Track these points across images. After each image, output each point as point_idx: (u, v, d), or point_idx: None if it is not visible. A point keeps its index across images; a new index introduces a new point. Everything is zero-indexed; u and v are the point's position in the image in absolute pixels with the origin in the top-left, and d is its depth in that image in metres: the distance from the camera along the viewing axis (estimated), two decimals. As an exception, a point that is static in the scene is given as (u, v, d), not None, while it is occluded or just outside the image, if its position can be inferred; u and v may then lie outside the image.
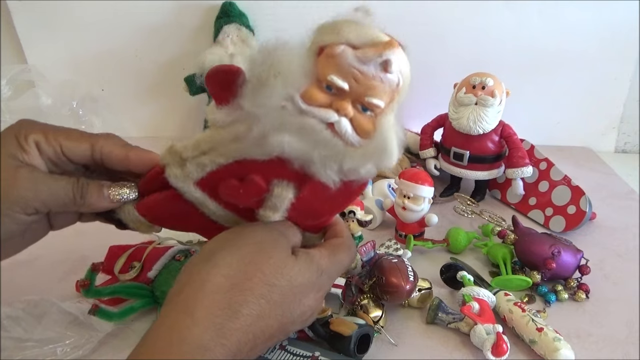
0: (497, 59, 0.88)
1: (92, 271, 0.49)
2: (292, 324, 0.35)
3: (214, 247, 0.34)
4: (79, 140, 0.38)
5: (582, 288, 0.57)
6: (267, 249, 0.34)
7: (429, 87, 0.92)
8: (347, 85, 0.31)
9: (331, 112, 0.31)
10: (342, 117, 0.31)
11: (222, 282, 0.31)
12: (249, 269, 0.32)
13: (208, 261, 0.33)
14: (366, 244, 0.56)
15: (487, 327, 0.48)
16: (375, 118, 0.32)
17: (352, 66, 0.31)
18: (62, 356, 0.46)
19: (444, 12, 0.90)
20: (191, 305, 0.30)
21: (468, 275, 0.56)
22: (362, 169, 0.33)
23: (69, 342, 0.47)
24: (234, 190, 0.35)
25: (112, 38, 0.94)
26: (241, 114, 0.32)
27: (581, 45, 0.92)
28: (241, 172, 0.34)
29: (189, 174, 0.35)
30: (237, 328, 0.30)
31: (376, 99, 0.31)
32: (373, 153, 0.33)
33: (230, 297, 0.31)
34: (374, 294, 0.52)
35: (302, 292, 0.34)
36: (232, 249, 0.33)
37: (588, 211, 0.67)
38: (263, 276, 0.32)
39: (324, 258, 0.37)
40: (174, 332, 0.29)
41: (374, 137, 0.32)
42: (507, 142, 0.74)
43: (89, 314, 0.46)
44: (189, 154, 0.35)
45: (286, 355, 0.44)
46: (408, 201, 0.63)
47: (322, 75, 0.31)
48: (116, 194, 0.38)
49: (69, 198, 0.36)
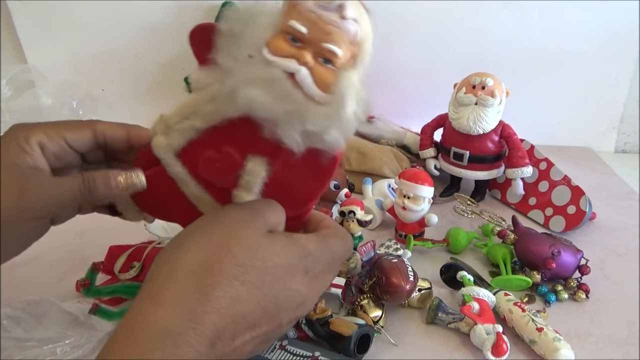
0: (497, 59, 0.88)
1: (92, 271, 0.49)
2: (280, 309, 0.32)
3: (184, 233, 0.33)
4: (81, 129, 0.38)
5: (582, 288, 0.57)
6: (238, 230, 0.32)
7: (429, 87, 0.93)
8: (306, 29, 0.32)
9: (293, 61, 0.32)
10: (302, 67, 0.32)
11: (191, 266, 0.30)
12: (219, 250, 0.31)
13: (177, 247, 0.31)
14: (366, 244, 0.56)
15: (487, 327, 0.48)
16: (335, 72, 0.33)
17: (310, 11, 0.32)
18: (62, 356, 0.46)
19: (444, 12, 0.90)
20: (158, 291, 0.29)
21: (468, 275, 0.56)
22: (326, 135, 0.33)
23: (69, 342, 0.47)
24: (211, 164, 0.36)
25: (112, 38, 0.94)
26: (218, 72, 0.33)
27: (581, 45, 0.92)
28: (218, 144, 0.35)
29: (172, 143, 0.36)
30: (209, 311, 0.28)
31: (333, 45, 0.32)
32: (334, 113, 0.33)
33: (200, 280, 0.29)
34: (374, 294, 0.52)
35: (283, 274, 0.32)
36: (202, 233, 0.32)
37: (588, 211, 0.67)
38: (234, 257, 0.30)
39: (311, 242, 0.34)
40: (140, 320, 0.28)
41: (334, 93, 0.33)
42: (507, 142, 0.74)
43: (89, 313, 0.46)
44: (173, 120, 0.36)
45: (286, 355, 0.45)
46: (408, 201, 0.63)
47: (285, 24, 0.32)
48: (122, 181, 0.37)
49: (77, 196, 0.36)
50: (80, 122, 0.38)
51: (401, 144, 0.86)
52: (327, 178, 0.36)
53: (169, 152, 0.37)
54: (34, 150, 0.36)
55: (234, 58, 0.33)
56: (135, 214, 0.41)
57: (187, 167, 0.37)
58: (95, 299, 0.49)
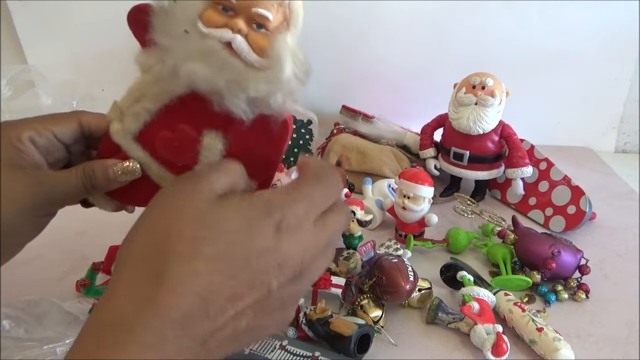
0: (497, 59, 0.88)
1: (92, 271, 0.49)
2: (257, 273, 0.28)
3: (132, 228, 0.30)
4: (67, 122, 0.38)
5: (582, 288, 0.57)
6: (180, 202, 0.29)
7: (429, 87, 0.93)
8: None
9: (227, 30, 0.33)
10: (237, 35, 0.33)
11: (140, 252, 0.28)
12: (163, 230, 0.28)
13: (130, 234, 0.30)
14: (366, 244, 0.56)
15: (487, 327, 0.48)
16: (269, 35, 0.33)
17: None
18: (62, 356, 0.46)
19: (444, 12, 0.90)
20: (114, 281, 0.28)
21: (468, 275, 0.56)
22: (270, 98, 0.33)
23: (69, 342, 0.46)
24: (168, 143, 0.36)
25: (112, 38, 0.93)
26: (158, 51, 0.34)
27: (581, 45, 0.92)
28: (172, 123, 0.36)
29: (128, 128, 0.37)
30: (166, 293, 0.26)
31: (262, 9, 0.32)
32: (273, 76, 0.33)
33: (150, 264, 0.27)
34: (374, 294, 0.52)
35: (245, 236, 0.28)
36: (146, 215, 0.30)
37: (588, 211, 0.67)
38: (180, 233, 0.28)
39: (277, 194, 0.30)
40: (95, 315, 0.27)
41: (270, 56, 0.33)
42: (507, 142, 0.74)
43: (89, 313, 0.46)
44: (126, 105, 0.37)
45: (286, 355, 0.45)
46: (408, 201, 0.63)
47: None
48: (119, 170, 0.38)
49: (81, 188, 0.37)
50: (64, 115, 0.39)
51: (401, 144, 0.86)
52: (282, 143, 0.37)
53: (126, 137, 0.37)
54: (28, 148, 0.36)
55: (170, 35, 0.33)
56: (108, 203, 0.41)
57: (147, 150, 0.37)
58: (95, 298, 0.49)
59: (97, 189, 0.38)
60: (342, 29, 0.92)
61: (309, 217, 0.31)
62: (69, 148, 0.39)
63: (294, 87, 0.34)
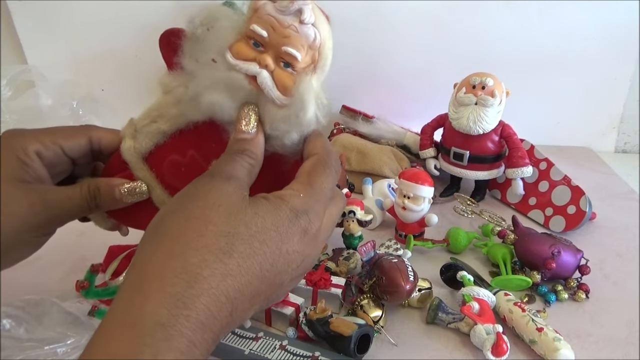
0: (497, 59, 0.88)
1: (91, 272, 0.49)
2: (280, 274, 0.30)
3: (161, 214, 0.30)
4: (76, 137, 0.38)
5: (582, 288, 0.57)
6: (213, 199, 0.29)
7: (429, 87, 0.93)
8: (266, 33, 0.32)
9: (254, 64, 0.33)
10: (263, 70, 0.33)
11: (172, 246, 0.27)
12: (199, 224, 0.28)
13: (157, 229, 0.29)
14: (366, 244, 0.56)
15: (487, 327, 0.48)
16: (295, 75, 0.34)
17: (270, 15, 0.32)
18: (63, 356, 0.46)
19: (444, 12, 0.90)
20: (141, 279, 0.26)
21: (468, 275, 0.56)
22: (286, 138, 0.34)
23: (69, 342, 0.47)
24: (176, 168, 0.36)
25: (112, 38, 0.94)
26: (183, 75, 0.34)
27: (581, 45, 0.92)
28: (183, 148, 0.36)
29: (140, 146, 0.37)
30: (199, 294, 0.25)
31: (292, 48, 0.33)
32: (293, 115, 0.33)
33: (185, 259, 0.26)
34: (374, 294, 0.52)
35: (276, 238, 0.29)
36: (177, 210, 0.29)
37: (588, 211, 0.67)
38: (216, 227, 0.28)
39: (295, 197, 0.31)
40: (124, 313, 0.25)
41: (293, 96, 0.33)
42: (507, 142, 0.74)
43: (89, 315, 0.46)
44: (141, 123, 0.37)
45: (286, 355, 0.45)
46: (408, 201, 0.63)
47: (247, 28, 0.33)
48: (126, 191, 0.37)
49: (85, 207, 0.36)
50: (75, 129, 0.38)
51: (401, 144, 0.86)
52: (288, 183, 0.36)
53: (135, 156, 0.37)
54: (34, 161, 0.35)
55: (198, 62, 0.34)
56: (105, 220, 0.41)
57: (154, 171, 0.37)
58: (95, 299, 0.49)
59: (100, 208, 0.37)
60: (342, 29, 0.92)
61: (325, 211, 0.33)
62: (75, 161, 0.39)
63: (311, 128, 0.34)
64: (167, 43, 0.36)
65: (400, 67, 0.95)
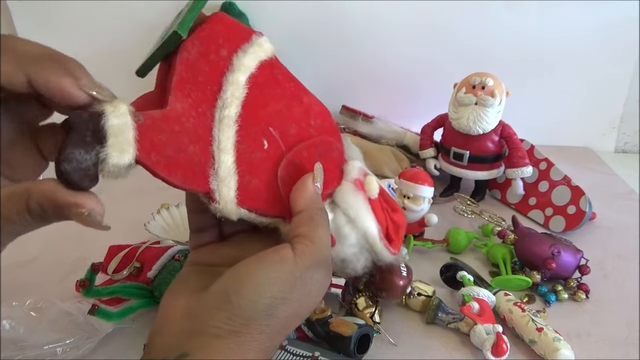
0: (497, 59, 0.88)
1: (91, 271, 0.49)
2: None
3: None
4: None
5: (582, 288, 0.57)
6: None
7: (428, 87, 0.93)
8: None
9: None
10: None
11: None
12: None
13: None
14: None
15: (487, 327, 0.48)
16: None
17: None
18: (62, 356, 0.46)
19: (444, 12, 0.90)
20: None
21: (468, 275, 0.56)
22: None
23: (69, 342, 0.47)
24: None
25: (112, 38, 0.94)
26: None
27: (581, 45, 0.92)
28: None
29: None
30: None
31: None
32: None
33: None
34: (370, 292, 0.52)
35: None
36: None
37: (588, 211, 0.67)
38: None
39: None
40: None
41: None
42: (507, 142, 0.74)
43: (89, 314, 0.46)
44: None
45: (286, 355, 0.44)
46: (408, 201, 0.63)
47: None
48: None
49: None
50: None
51: (401, 144, 0.86)
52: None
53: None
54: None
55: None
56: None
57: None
58: (95, 299, 0.49)
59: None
60: (342, 29, 0.92)
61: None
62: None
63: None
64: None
65: (400, 67, 0.95)
